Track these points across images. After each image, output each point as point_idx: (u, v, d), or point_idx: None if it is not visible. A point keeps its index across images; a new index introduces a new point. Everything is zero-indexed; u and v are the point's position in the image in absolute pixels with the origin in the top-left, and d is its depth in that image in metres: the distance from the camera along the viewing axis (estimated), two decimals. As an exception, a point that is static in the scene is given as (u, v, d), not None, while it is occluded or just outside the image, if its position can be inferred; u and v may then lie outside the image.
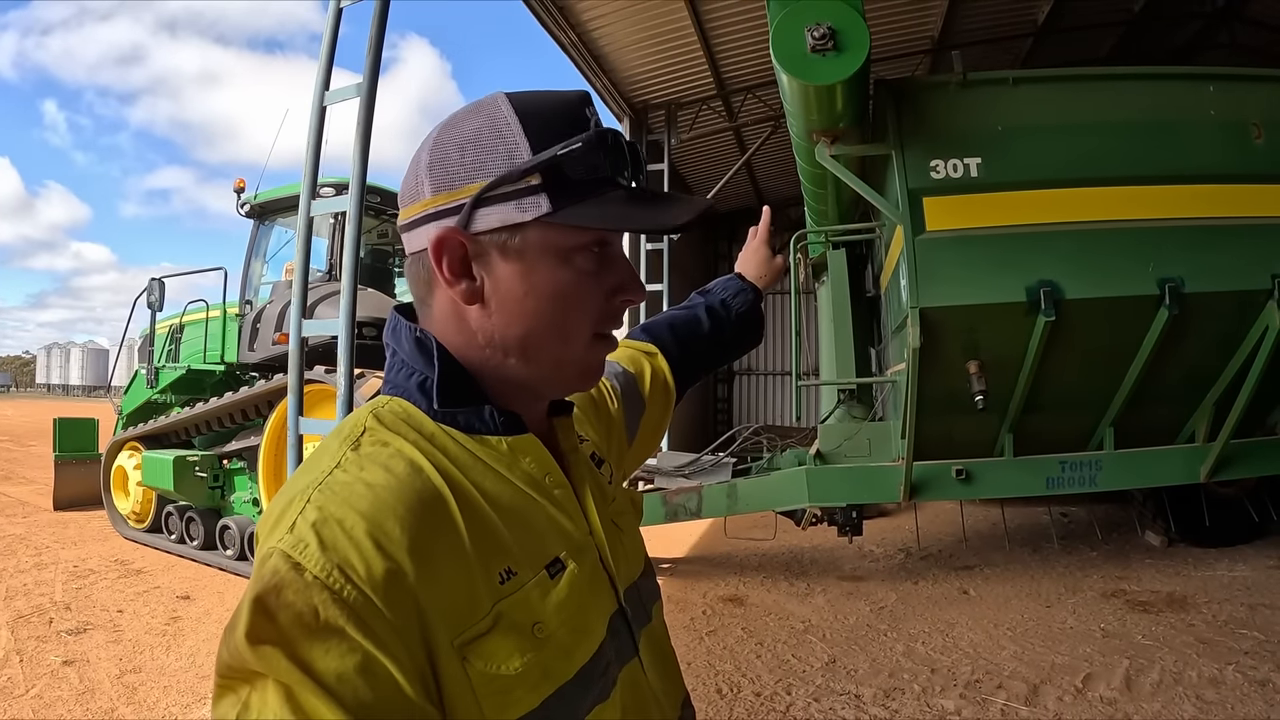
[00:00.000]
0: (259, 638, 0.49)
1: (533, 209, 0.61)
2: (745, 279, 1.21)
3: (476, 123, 0.63)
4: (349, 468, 0.58)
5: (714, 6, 7.71)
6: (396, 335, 0.68)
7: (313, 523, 0.53)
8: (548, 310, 0.63)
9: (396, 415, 0.64)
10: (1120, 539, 5.90)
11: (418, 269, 0.67)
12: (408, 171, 0.67)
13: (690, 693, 3.11)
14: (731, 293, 1.18)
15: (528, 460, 0.66)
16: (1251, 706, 3.11)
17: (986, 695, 3.33)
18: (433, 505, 0.57)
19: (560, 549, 0.64)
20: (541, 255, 0.62)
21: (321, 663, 0.48)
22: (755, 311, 1.19)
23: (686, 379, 1.10)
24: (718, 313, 1.15)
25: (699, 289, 1.21)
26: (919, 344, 3.80)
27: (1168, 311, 3.74)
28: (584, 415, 0.83)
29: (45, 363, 61.26)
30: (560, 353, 0.65)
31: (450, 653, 0.54)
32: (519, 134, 0.61)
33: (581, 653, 0.62)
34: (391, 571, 0.52)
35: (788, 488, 4.95)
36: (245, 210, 6.74)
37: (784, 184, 12.50)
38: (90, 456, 8.49)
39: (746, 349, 1.22)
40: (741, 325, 1.17)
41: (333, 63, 3.85)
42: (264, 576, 0.51)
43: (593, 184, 0.62)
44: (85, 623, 4.53)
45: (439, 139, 0.64)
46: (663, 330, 1.11)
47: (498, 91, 0.65)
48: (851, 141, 4.04)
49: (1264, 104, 3.92)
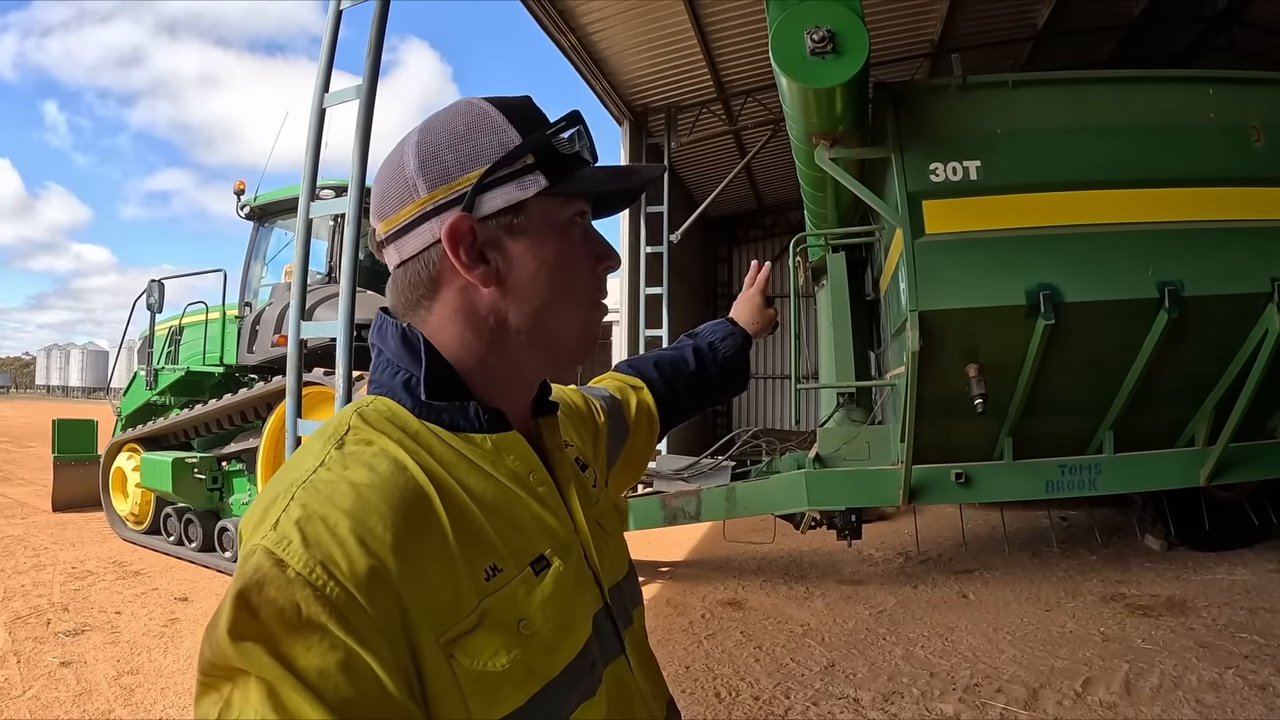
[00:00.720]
0: (241, 634, 0.49)
1: (533, 185, 0.65)
2: (736, 324, 1.23)
3: (460, 121, 0.66)
4: (333, 466, 0.58)
5: (714, 10, 7.73)
6: (382, 334, 0.69)
7: (296, 520, 0.53)
8: (559, 280, 0.67)
9: (381, 414, 0.64)
10: (1120, 543, 5.89)
11: (417, 270, 0.66)
12: (386, 182, 0.67)
13: (689, 696, 3.08)
14: (720, 336, 1.20)
15: (512, 458, 0.66)
16: (1251, 710, 3.10)
17: (986, 699, 3.32)
18: (417, 503, 0.57)
19: (545, 546, 0.64)
20: (545, 229, 0.67)
21: (303, 659, 0.48)
22: (742, 356, 1.21)
23: (670, 417, 1.12)
24: (704, 355, 1.17)
25: (688, 332, 1.23)
26: (918, 347, 3.79)
27: (1167, 315, 3.73)
28: (569, 422, 0.84)
29: (45, 364, 61.25)
30: (569, 321, 0.69)
31: (436, 650, 0.54)
32: (505, 123, 0.66)
33: (567, 650, 0.62)
34: (375, 569, 0.52)
35: (787, 491, 4.94)
36: (245, 212, 6.75)
37: (784, 187, 12.52)
38: (89, 458, 8.50)
39: (732, 394, 1.24)
40: (727, 369, 1.19)
41: (332, 65, 3.86)
42: (246, 573, 0.51)
43: (574, 159, 0.67)
44: (83, 624, 4.52)
45: (421, 142, 0.66)
46: (648, 367, 1.13)
47: (464, 98, 0.69)
48: (851, 145, 4.04)
49: (1263, 107, 3.93)
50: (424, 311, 0.67)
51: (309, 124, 3.85)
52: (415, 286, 0.67)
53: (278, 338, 5.90)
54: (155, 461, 6.29)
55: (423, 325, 0.67)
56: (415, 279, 0.67)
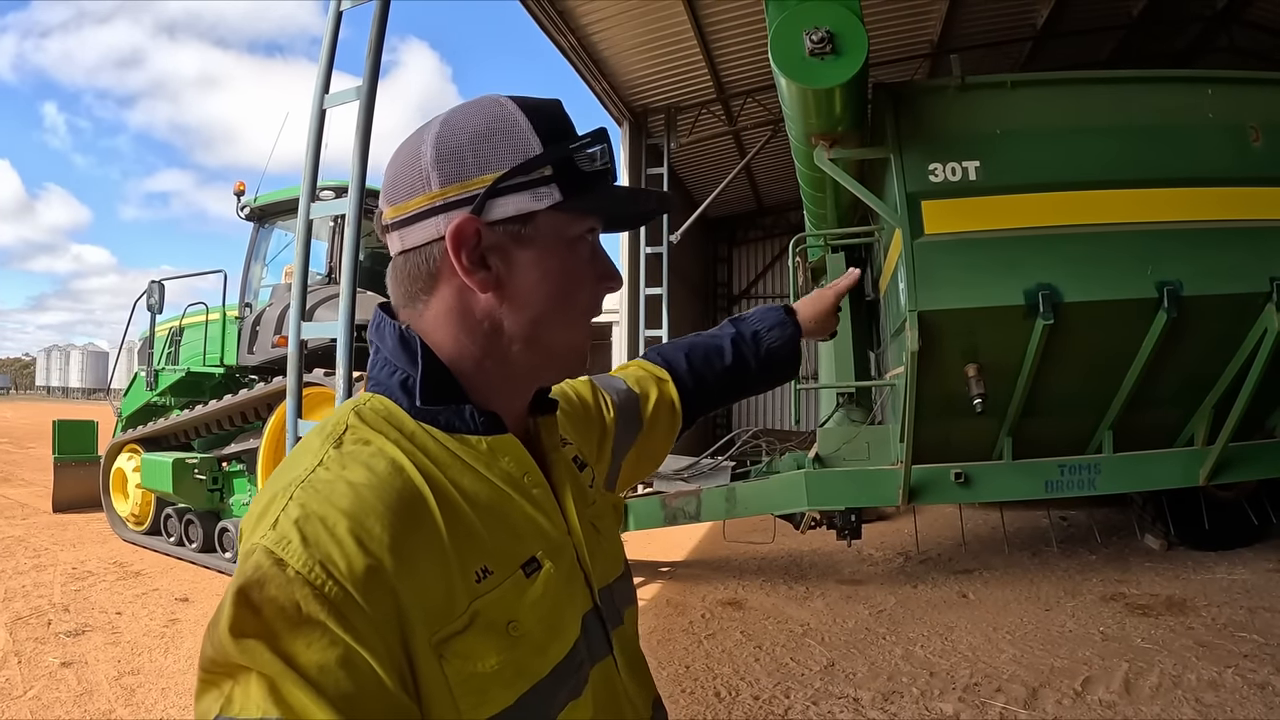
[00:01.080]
0: (243, 631, 0.49)
1: (547, 198, 0.64)
2: (793, 315, 1.14)
3: (483, 119, 0.65)
4: (331, 466, 0.59)
5: (713, 10, 7.73)
6: (380, 332, 0.68)
7: (295, 519, 0.54)
8: (559, 294, 0.67)
9: (378, 413, 0.64)
10: (1119, 542, 5.90)
11: (418, 262, 0.66)
12: (399, 168, 0.66)
13: (689, 696, 3.08)
14: (768, 325, 1.11)
15: (506, 460, 0.66)
16: (1251, 709, 3.10)
17: (985, 699, 3.33)
18: (413, 504, 0.58)
19: (537, 548, 0.65)
20: (553, 242, 0.66)
21: (304, 655, 0.49)
22: (789, 348, 1.12)
23: (696, 408, 1.07)
24: (743, 346, 1.09)
25: (733, 317, 1.15)
26: (917, 347, 3.80)
27: (1166, 314, 3.74)
28: (569, 421, 0.84)
29: (45, 365, 61.23)
30: (564, 335, 0.69)
31: (428, 650, 0.55)
32: (529, 130, 0.65)
33: (555, 650, 0.63)
34: (372, 568, 0.53)
35: (786, 491, 4.94)
36: (245, 213, 6.75)
37: (783, 188, 12.52)
38: (89, 459, 8.50)
39: (776, 384, 1.16)
40: (770, 362, 1.11)
41: (333, 66, 3.86)
42: (247, 571, 0.52)
43: (592, 177, 0.66)
44: (84, 624, 4.53)
45: (441, 134, 0.65)
46: (678, 356, 1.07)
47: (492, 94, 0.68)
48: (850, 145, 4.05)
49: (1262, 107, 3.93)
50: (420, 306, 0.67)
51: (309, 125, 3.86)
52: (414, 279, 0.66)
53: (278, 338, 5.91)
54: (156, 462, 6.30)
55: (419, 320, 0.67)
56: (414, 271, 0.66)
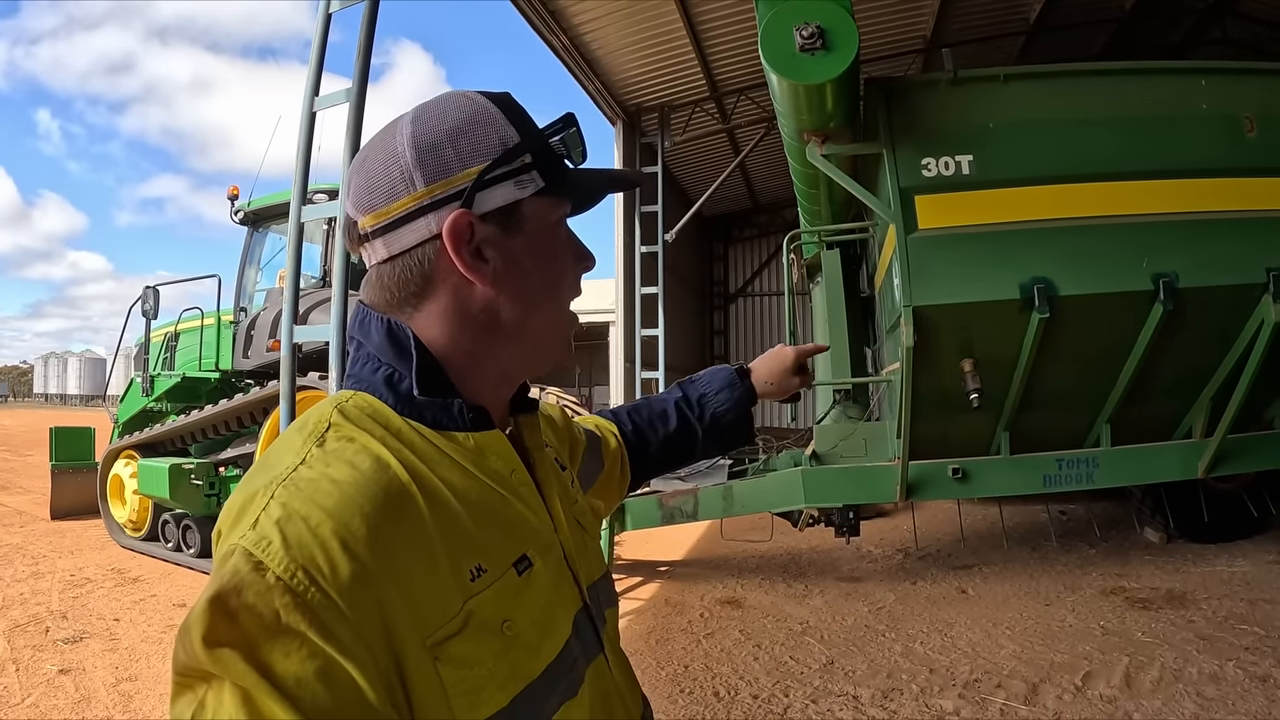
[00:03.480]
0: (217, 640, 0.47)
1: (530, 185, 0.65)
2: (746, 378, 1.09)
3: (458, 113, 0.64)
4: (314, 464, 0.56)
5: (706, 9, 7.73)
6: (365, 327, 0.66)
7: (276, 520, 0.52)
8: (550, 279, 0.69)
9: (362, 410, 0.62)
10: (1119, 536, 5.89)
11: (409, 266, 0.64)
12: (374, 172, 0.64)
13: (688, 695, 3.07)
14: (715, 389, 1.07)
15: (494, 457, 0.65)
16: (1252, 702, 3.09)
17: (985, 695, 3.32)
18: (400, 503, 0.56)
19: (528, 546, 0.64)
20: (538, 229, 0.67)
21: (281, 666, 0.47)
22: (735, 414, 1.07)
23: (641, 470, 1.05)
24: (687, 412, 1.05)
25: (684, 378, 1.11)
26: (913, 343, 3.79)
27: (1162, 307, 3.73)
28: (548, 426, 0.84)
29: (43, 372, 61.11)
30: (554, 319, 0.70)
31: (421, 653, 0.53)
32: (504, 121, 0.65)
33: (548, 650, 0.62)
34: (357, 572, 0.51)
35: (784, 489, 4.93)
36: (239, 217, 6.75)
37: (778, 185, 12.53)
38: (87, 465, 8.48)
39: (728, 449, 1.11)
40: (715, 428, 1.06)
41: (322, 68, 3.85)
42: (224, 575, 0.50)
43: (566, 160, 0.68)
44: (82, 631, 4.51)
45: (416, 133, 0.63)
46: (622, 415, 1.06)
47: (456, 90, 0.68)
48: (843, 141, 4.04)
49: (1256, 97, 3.93)
50: (410, 309, 0.65)
51: (299, 128, 3.84)
52: (406, 283, 0.65)
53: (272, 342, 5.90)
54: (152, 468, 6.28)
55: (409, 322, 0.66)
56: (405, 276, 0.64)
